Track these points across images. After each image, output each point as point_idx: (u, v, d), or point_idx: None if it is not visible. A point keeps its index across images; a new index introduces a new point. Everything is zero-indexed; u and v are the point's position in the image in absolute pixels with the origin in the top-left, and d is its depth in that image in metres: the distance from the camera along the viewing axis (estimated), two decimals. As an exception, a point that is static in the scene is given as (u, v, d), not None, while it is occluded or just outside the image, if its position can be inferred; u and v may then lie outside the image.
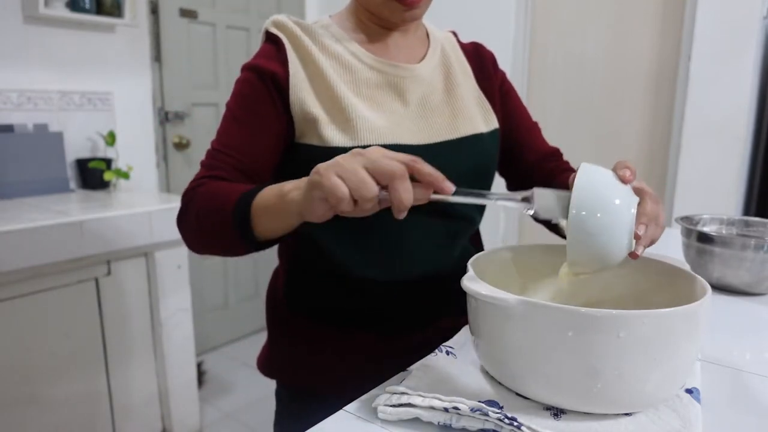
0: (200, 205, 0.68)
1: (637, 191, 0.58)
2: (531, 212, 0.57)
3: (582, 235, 0.53)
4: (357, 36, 0.79)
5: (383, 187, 0.51)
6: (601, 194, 0.53)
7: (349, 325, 0.80)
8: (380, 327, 0.79)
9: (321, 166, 0.52)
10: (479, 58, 0.89)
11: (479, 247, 0.89)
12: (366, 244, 0.76)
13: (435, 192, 0.53)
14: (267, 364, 0.88)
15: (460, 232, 0.82)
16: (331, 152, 0.70)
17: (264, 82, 0.73)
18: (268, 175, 0.76)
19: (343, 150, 0.69)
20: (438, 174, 0.52)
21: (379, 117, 0.74)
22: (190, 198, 0.71)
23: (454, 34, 0.92)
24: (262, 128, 0.73)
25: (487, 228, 0.94)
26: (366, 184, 0.50)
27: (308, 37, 0.76)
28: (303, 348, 0.83)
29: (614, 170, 0.56)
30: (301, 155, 0.75)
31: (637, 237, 0.55)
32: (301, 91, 0.74)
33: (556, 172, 0.88)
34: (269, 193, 0.62)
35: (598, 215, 0.52)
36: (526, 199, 0.56)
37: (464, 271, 0.56)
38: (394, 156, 0.52)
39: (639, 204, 0.57)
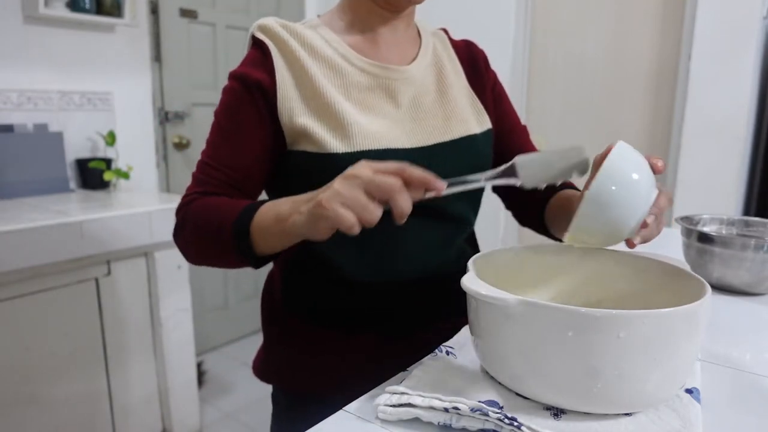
0: (197, 224, 0.69)
1: None
2: (519, 183, 0.59)
3: (598, 205, 0.54)
4: (347, 37, 0.78)
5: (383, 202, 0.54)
6: (631, 171, 0.55)
7: (349, 325, 0.79)
8: (380, 327, 0.79)
9: (323, 198, 0.54)
10: (471, 58, 0.88)
11: (475, 248, 0.89)
12: (363, 247, 0.75)
13: (427, 190, 0.56)
14: (264, 368, 0.87)
15: (455, 233, 0.82)
16: (329, 159, 0.70)
17: (250, 92, 0.72)
18: (258, 186, 0.76)
19: (342, 156, 0.70)
20: (428, 175, 0.55)
21: (372, 121, 0.73)
22: (184, 214, 0.71)
23: (446, 31, 0.90)
24: (249, 140, 0.73)
25: (486, 229, 0.94)
26: (369, 208, 0.53)
27: (296, 41, 0.74)
28: (301, 350, 0.82)
29: (648, 158, 0.58)
30: (296, 162, 0.74)
31: (644, 225, 0.57)
32: (290, 100, 0.72)
33: None
34: (266, 216, 0.63)
35: (623, 190, 0.54)
36: (510, 172, 0.59)
37: (462, 272, 0.56)
38: (384, 169, 0.54)
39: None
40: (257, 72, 0.72)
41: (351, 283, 0.77)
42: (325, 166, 0.70)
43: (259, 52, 0.74)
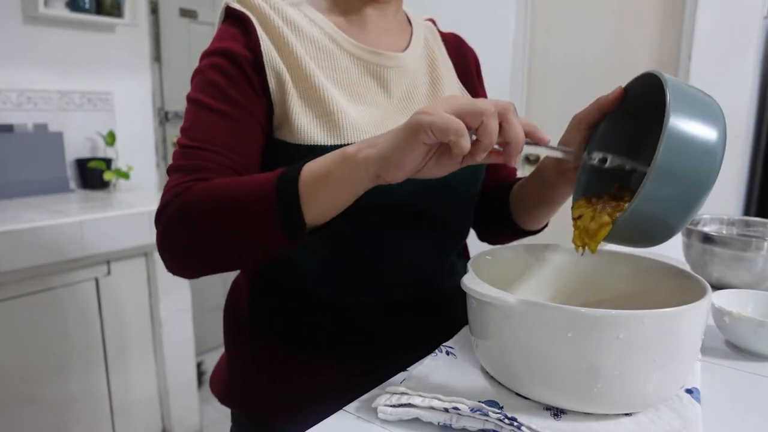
0: (210, 205, 0.56)
1: None
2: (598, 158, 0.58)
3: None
4: (333, 18, 0.70)
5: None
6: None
7: (330, 353, 0.71)
8: (368, 358, 0.70)
9: (419, 110, 0.47)
10: (461, 55, 0.82)
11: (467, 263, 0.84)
12: (346, 261, 0.68)
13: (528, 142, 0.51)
14: (225, 390, 0.77)
15: (451, 243, 0.76)
16: (311, 151, 0.61)
17: (239, 67, 0.63)
18: None
19: (328, 149, 0.57)
20: (533, 123, 0.50)
21: (362, 111, 0.66)
22: (182, 203, 0.57)
23: (433, 22, 0.84)
24: (249, 119, 0.62)
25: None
26: (482, 108, 0.45)
27: (278, 17, 0.66)
28: (271, 377, 0.72)
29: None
30: (274, 154, 0.65)
31: None
32: (279, 74, 0.64)
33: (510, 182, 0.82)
34: (324, 161, 0.52)
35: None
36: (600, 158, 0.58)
37: (456, 289, 0.54)
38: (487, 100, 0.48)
39: None
40: (240, 46, 0.63)
41: (329, 302, 0.69)
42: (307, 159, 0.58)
43: (237, 25, 0.65)
